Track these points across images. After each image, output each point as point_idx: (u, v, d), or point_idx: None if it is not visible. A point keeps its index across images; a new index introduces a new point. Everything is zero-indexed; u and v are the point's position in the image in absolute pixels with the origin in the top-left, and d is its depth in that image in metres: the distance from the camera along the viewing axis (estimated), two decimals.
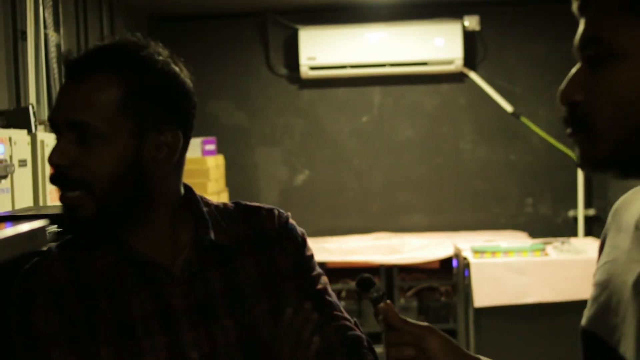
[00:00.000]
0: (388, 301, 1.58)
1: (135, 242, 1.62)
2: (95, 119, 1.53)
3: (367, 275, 1.63)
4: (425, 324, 1.57)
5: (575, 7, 1.22)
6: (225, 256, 1.67)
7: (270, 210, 1.77)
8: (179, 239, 1.65)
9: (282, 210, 1.78)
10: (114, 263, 1.60)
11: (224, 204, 1.75)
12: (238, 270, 1.68)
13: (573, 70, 1.21)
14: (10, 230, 1.07)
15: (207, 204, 1.73)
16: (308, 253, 1.76)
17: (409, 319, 1.56)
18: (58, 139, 1.57)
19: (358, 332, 1.73)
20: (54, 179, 1.57)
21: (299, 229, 1.78)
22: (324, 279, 1.77)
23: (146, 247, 1.62)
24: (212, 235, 1.66)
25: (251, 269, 1.69)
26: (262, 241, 1.72)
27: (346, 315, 1.76)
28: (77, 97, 1.55)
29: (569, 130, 1.21)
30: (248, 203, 1.79)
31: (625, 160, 1.18)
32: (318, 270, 1.77)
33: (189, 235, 1.66)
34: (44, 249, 1.67)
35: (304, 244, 1.77)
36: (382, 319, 1.56)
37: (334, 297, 1.76)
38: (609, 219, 1.42)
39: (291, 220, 1.78)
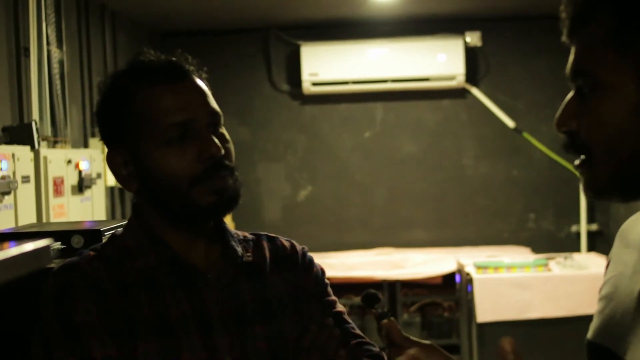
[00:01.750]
0: (392, 318, 1.59)
1: (175, 248, 1.68)
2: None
3: (373, 291, 1.66)
4: (427, 342, 1.58)
5: (564, 36, 1.25)
6: (253, 271, 1.74)
7: (289, 240, 1.86)
8: (209, 252, 1.72)
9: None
10: (156, 264, 1.65)
11: (243, 233, 1.83)
12: (267, 286, 1.74)
13: (567, 98, 1.25)
14: (14, 250, 1.07)
15: (230, 229, 1.80)
16: (326, 281, 1.86)
17: (412, 337, 1.57)
18: (210, 133, 1.65)
19: (378, 350, 1.77)
20: (219, 167, 1.64)
21: (317, 262, 1.87)
22: (340, 305, 1.85)
23: (184, 254, 1.68)
24: (241, 251, 1.74)
25: (279, 285, 1.76)
26: (286, 264, 1.80)
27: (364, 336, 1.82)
28: (206, 92, 1.70)
29: (576, 162, 1.24)
30: (266, 233, 1.87)
31: (623, 186, 1.21)
32: (334, 297, 1.86)
33: (217, 251, 1.73)
34: (51, 266, 1.69)
35: (323, 273, 1.87)
36: (385, 335, 1.57)
37: (350, 320, 1.84)
38: (616, 238, 1.45)
39: (309, 253, 1.87)
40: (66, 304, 1.57)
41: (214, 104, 1.69)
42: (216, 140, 1.64)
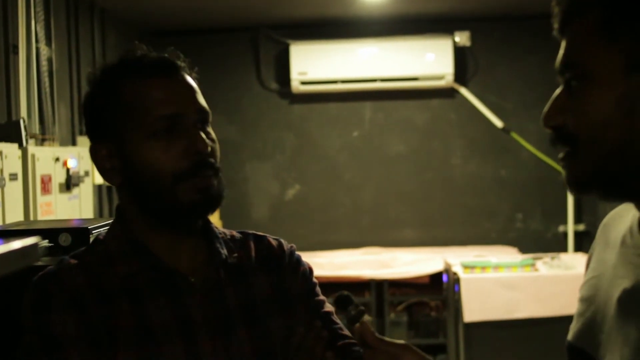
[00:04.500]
0: (365, 319, 1.59)
1: (158, 252, 1.65)
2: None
3: (345, 293, 1.67)
4: (401, 342, 1.58)
5: (556, 29, 1.26)
6: (238, 274, 1.71)
7: (277, 239, 1.82)
8: (195, 254, 1.69)
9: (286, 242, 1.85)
10: (137, 270, 1.62)
11: (230, 232, 1.80)
12: (252, 287, 1.71)
13: (555, 93, 1.25)
14: (1, 248, 1.07)
15: (216, 228, 1.77)
16: (314, 280, 1.83)
17: (386, 338, 1.57)
18: (198, 130, 1.63)
19: None
20: (205, 165, 1.61)
21: (305, 261, 1.84)
22: (329, 304, 1.82)
23: (168, 257, 1.65)
24: (226, 253, 1.70)
25: (264, 287, 1.73)
26: (272, 263, 1.77)
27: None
28: (195, 89, 1.68)
29: (560, 155, 1.24)
30: (254, 232, 1.83)
31: (606, 180, 1.21)
32: (323, 296, 1.83)
33: (204, 253, 1.70)
34: (39, 263, 1.67)
35: (311, 271, 1.83)
36: (359, 338, 1.57)
37: (339, 321, 1.80)
38: (598, 234, 1.44)
39: (297, 252, 1.83)
40: (44, 316, 1.55)
41: (203, 101, 1.67)
42: (204, 137, 1.62)
